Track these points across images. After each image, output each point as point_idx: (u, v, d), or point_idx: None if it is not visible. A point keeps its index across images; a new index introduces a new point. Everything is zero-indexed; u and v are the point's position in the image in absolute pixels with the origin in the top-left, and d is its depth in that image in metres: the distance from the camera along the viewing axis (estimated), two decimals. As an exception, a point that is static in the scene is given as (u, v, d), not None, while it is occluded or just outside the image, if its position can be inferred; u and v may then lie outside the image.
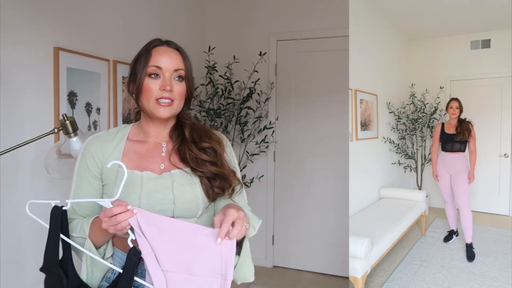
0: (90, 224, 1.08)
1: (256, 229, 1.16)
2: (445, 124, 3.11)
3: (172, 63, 1.11)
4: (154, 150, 1.18)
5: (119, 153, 1.15)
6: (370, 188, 3.25)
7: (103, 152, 1.15)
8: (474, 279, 2.58)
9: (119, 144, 1.17)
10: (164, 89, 1.09)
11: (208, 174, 1.14)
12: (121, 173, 1.11)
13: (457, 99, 3.01)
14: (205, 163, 1.14)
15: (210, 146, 1.17)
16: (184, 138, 1.17)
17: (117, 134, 1.19)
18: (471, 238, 2.91)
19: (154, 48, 1.13)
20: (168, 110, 1.11)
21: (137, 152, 1.16)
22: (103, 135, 1.19)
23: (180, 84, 1.12)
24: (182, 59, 1.14)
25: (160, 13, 3.18)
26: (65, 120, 1.50)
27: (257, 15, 3.77)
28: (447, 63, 3.39)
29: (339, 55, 3.46)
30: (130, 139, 1.19)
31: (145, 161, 1.15)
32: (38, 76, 2.10)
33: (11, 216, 1.99)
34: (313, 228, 3.69)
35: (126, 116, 2.72)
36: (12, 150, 1.46)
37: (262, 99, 3.65)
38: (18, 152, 1.85)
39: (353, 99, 2.93)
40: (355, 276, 2.25)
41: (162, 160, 1.16)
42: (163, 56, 1.11)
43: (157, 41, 1.15)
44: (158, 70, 1.10)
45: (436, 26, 3.32)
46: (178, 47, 1.16)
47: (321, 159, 3.65)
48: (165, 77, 1.10)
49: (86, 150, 1.16)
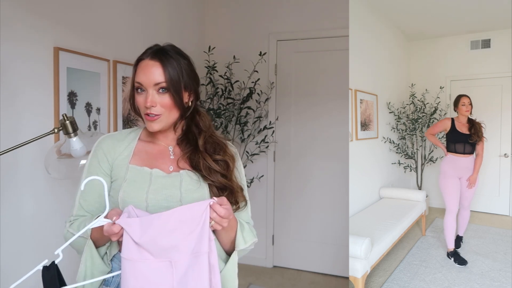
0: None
1: (247, 243, 1.17)
2: (456, 121, 2.90)
3: (152, 78, 1.11)
4: (163, 152, 1.21)
5: (130, 152, 1.18)
6: (370, 188, 3.25)
7: (115, 150, 1.18)
8: (474, 279, 2.58)
9: (130, 143, 1.20)
10: (145, 105, 1.11)
11: (217, 184, 1.17)
12: (130, 169, 1.14)
13: (468, 96, 2.86)
14: (216, 173, 1.17)
15: (223, 159, 1.19)
16: (197, 147, 1.19)
17: (130, 135, 1.23)
18: (463, 232, 2.88)
19: (140, 62, 1.14)
20: (156, 124, 1.13)
21: (148, 152, 1.19)
22: (116, 134, 1.23)
23: (163, 96, 1.12)
24: (163, 71, 1.11)
25: (160, 13, 3.18)
26: (65, 120, 1.50)
27: (257, 15, 3.77)
28: (447, 63, 3.39)
29: (339, 55, 3.46)
30: (141, 139, 1.22)
31: (155, 160, 1.18)
32: (38, 76, 2.10)
33: (11, 216, 1.98)
34: (313, 228, 3.69)
35: (126, 116, 2.72)
36: (12, 150, 1.46)
37: (262, 99, 3.65)
38: (18, 152, 1.85)
39: (353, 99, 2.93)
40: (355, 276, 2.25)
41: (171, 162, 1.19)
42: (143, 71, 1.12)
43: (146, 52, 1.15)
44: (141, 85, 1.12)
45: (436, 26, 3.32)
46: (162, 58, 1.12)
47: (321, 159, 3.65)
48: (147, 93, 1.12)
49: (99, 147, 1.19)
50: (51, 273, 0.98)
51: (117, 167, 1.16)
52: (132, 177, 1.13)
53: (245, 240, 1.16)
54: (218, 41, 3.76)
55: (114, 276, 1.13)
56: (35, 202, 2.11)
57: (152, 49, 1.15)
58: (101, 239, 1.09)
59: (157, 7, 3.14)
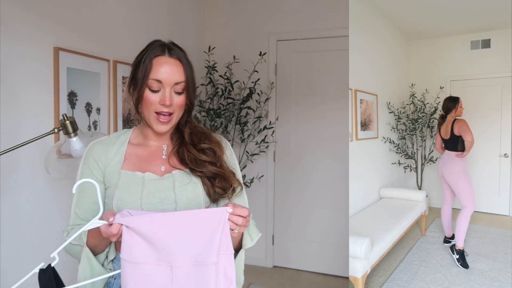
0: (87, 232, 1.07)
1: (254, 241, 1.15)
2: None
3: (172, 76, 1.08)
4: (155, 153, 1.19)
5: (121, 157, 1.15)
6: (370, 188, 3.25)
7: (106, 156, 1.15)
8: (474, 279, 2.58)
9: (120, 148, 1.17)
10: (163, 104, 1.08)
11: (208, 174, 1.14)
12: (123, 175, 1.12)
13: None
14: (204, 163, 1.15)
15: (209, 147, 1.17)
16: (183, 140, 1.18)
17: (119, 139, 1.20)
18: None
19: (155, 58, 1.09)
20: (166, 126, 1.12)
21: (139, 156, 1.17)
22: (105, 139, 1.20)
23: (180, 96, 1.11)
24: (183, 69, 1.11)
25: (160, 13, 3.18)
26: (65, 120, 1.50)
27: (257, 15, 3.77)
28: (447, 63, 3.39)
29: (339, 55, 3.46)
30: (131, 143, 1.20)
31: (146, 163, 1.16)
32: (38, 76, 2.10)
33: (11, 216, 1.99)
34: (313, 228, 3.69)
35: (126, 116, 2.72)
36: (12, 150, 1.46)
37: (262, 99, 3.65)
38: (18, 152, 1.85)
39: (353, 99, 2.93)
40: (355, 276, 2.25)
41: (163, 162, 1.17)
42: (164, 68, 1.08)
43: (159, 47, 1.11)
44: (158, 83, 1.09)
45: (436, 26, 3.32)
46: (180, 57, 1.11)
47: (321, 159, 3.65)
48: (165, 91, 1.09)
49: (89, 154, 1.16)
50: (47, 275, 0.97)
51: (109, 173, 1.14)
52: (124, 183, 1.11)
53: (252, 238, 1.14)
54: (218, 41, 3.76)
55: (115, 279, 1.13)
56: (35, 202, 2.11)
57: (165, 45, 1.12)
58: (99, 244, 1.08)
59: (157, 7, 3.14)
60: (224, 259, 0.95)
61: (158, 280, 0.95)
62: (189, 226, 0.94)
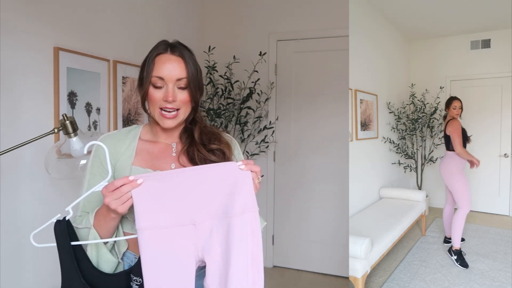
0: (94, 213, 1.08)
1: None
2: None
3: (174, 72, 1.10)
4: (165, 150, 1.20)
5: (132, 152, 1.16)
6: (370, 188, 3.26)
7: (117, 150, 1.16)
8: (474, 279, 2.58)
9: (131, 143, 1.18)
10: (166, 100, 1.10)
11: None
12: (134, 171, 1.13)
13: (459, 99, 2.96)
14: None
15: (219, 148, 1.18)
16: (193, 140, 1.19)
17: (129, 133, 1.21)
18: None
19: (158, 56, 1.12)
20: (172, 121, 1.13)
21: (149, 152, 1.18)
22: (116, 134, 1.21)
23: (184, 92, 1.12)
24: (185, 66, 1.12)
25: (160, 13, 3.18)
26: (65, 120, 1.50)
27: (257, 15, 3.77)
28: (447, 63, 3.39)
29: (339, 55, 3.46)
30: (142, 139, 1.21)
31: (157, 160, 1.17)
32: (38, 76, 2.10)
33: (11, 216, 1.99)
34: (313, 228, 3.69)
35: (126, 116, 2.72)
36: (12, 150, 1.46)
37: (262, 99, 3.65)
38: (18, 152, 1.85)
39: (353, 99, 2.93)
40: (355, 276, 2.25)
41: (173, 160, 1.18)
42: (165, 65, 1.10)
43: (162, 46, 1.13)
44: (161, 80, 1.11)
45: (436, 26, 3.32)
46: (182, 53, 1.13)
47: (321, 159, 3.65)
48: (167, 88, 1.10)
49: (100, 147, 1.16)
50: (62, 226, 1.03)
51: (120, 167, 1.14)
52: None
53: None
54: (218, 41, 3.75)
55: (126, 259, 1.14)
56: (35, 202, 2.11)
57: (168, 44, 1.14)
58: (105, 224, 1.05)
59: (157, 7, 3.14)
60: (250, 216, 0.97)
61: (181, 241, 0.94)
62: (208, 179, 0.96)
